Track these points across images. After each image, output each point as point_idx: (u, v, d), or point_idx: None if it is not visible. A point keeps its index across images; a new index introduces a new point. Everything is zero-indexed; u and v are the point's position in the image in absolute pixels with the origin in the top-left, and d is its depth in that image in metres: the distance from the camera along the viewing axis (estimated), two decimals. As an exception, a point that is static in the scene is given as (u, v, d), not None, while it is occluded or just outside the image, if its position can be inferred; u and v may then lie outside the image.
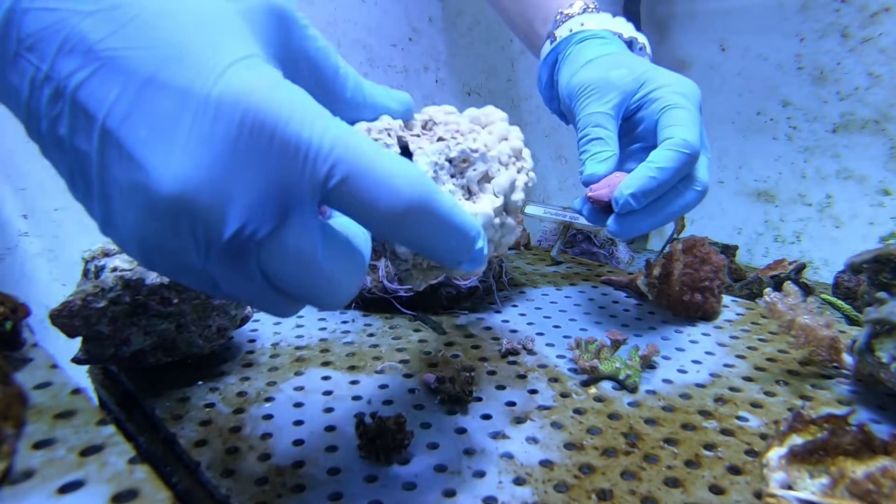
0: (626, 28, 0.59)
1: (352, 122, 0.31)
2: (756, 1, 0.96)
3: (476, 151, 0.34)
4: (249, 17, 0.26)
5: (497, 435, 0.40)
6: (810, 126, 0.96)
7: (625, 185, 0.46)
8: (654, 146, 0.49)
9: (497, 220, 0.34)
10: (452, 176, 0.34)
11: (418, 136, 0.34)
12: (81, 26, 0.22)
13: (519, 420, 0.42)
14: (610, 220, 0.48)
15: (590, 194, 0.49)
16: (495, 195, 0.34)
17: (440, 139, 0.34)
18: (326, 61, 0.29)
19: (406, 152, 0.33)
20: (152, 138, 0.22)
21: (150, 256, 0.24)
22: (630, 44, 0.59)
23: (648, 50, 0.60)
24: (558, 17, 0.60)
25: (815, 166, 0.96)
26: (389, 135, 0.33)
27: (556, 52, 0.59)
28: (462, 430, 0.41)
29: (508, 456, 0.38)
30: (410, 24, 1.02)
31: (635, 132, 0.53)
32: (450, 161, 0.33)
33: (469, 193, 0.34)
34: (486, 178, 0.34)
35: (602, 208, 0.49)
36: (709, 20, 1.02)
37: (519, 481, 0.36)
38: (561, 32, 0.59)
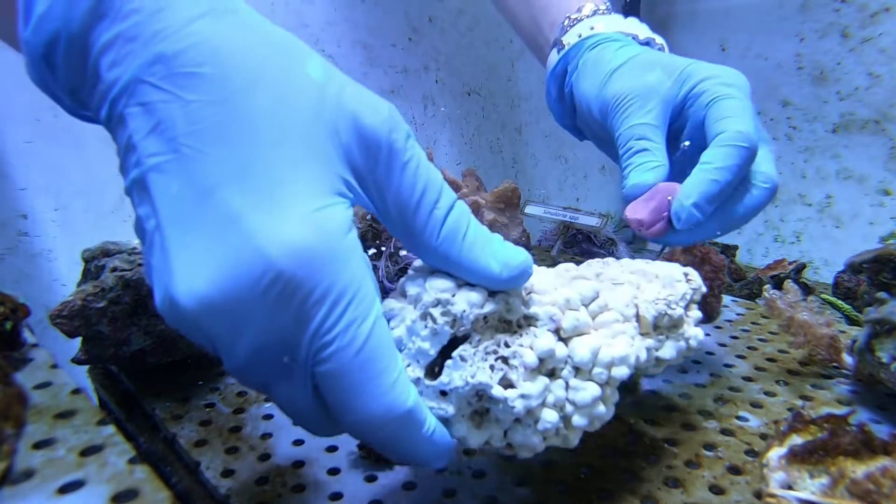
0: (641, 29, 0.52)
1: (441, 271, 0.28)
2: (756, 1, 0.96)
3: (513, 408, 0.27)
4: (336, 135, 0.25)
5: (497, 435, 0.40)
6: (810, 126, 0.95)
7: (683, 195, 0.39)
8: (705, 146, 0.43)
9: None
10: (472, 407, 0.28)
11: (479, 339, 0.27)
12: (176, 114, 0.22)
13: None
14: (669, 235, 0.41)
15: (630, 216, 0.41)
16: (506, 426, 0.28)
17: (499, 358, 0.27)
18: (418, 200, 0.26)
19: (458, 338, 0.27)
20: (188, 246, 0.22)
21: (175, 328, 0.25)
22: (647, 45, 0.51)
23: (667, 51, 0.52)
24: (566, 22, 0.53)
25: (815, 166, 0.96)
26: (445, 313, 0.27)
27: (565, 61, 0.52)
28: (462, 430, 0.41)
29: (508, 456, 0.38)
30: (410, 24, 1.02)
31: (681, 136, 0.47)
32: (478, 393, 0.27)
33: (479, 417, 0.28)
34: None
35: (646, 227, 0.41)
36: (709, 20, 1.02)
37: (519, 481, 0.36)
38: (569, 39, 0.52)
